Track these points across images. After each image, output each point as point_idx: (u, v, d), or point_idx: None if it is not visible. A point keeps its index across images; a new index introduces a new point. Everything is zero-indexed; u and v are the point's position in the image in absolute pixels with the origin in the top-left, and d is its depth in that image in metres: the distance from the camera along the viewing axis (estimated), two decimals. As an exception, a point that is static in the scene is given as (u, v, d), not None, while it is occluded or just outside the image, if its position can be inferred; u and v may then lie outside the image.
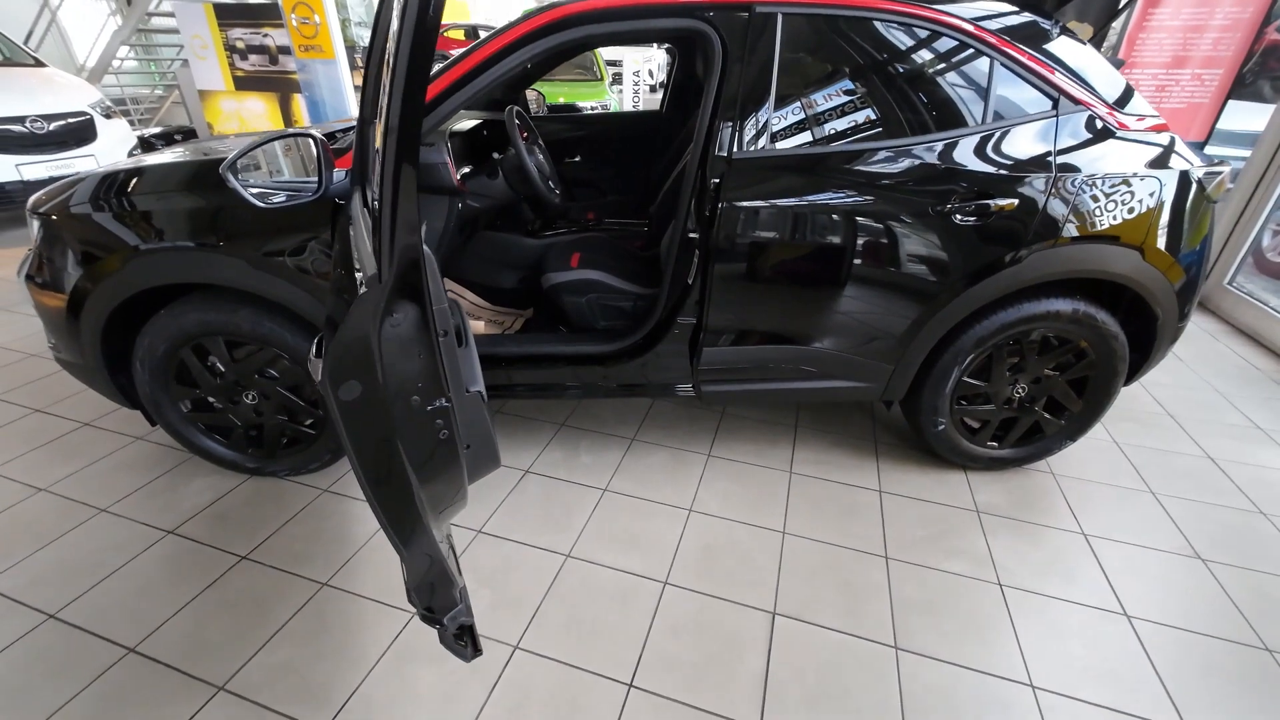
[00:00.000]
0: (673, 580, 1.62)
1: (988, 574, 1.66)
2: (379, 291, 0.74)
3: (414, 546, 0.92)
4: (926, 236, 1.63)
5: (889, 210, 1.61)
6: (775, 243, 1.65)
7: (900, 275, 1.67)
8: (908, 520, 1.85)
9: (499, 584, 1.60)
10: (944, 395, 1.88)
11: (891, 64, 1.58)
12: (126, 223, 1.58)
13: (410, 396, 0.83)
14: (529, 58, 1.55)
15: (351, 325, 0.74)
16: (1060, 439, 1.99)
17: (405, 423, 0.83)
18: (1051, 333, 1.80)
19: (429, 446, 0.88)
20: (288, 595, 1.55)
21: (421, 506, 0.89)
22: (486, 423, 1.04)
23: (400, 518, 0.87)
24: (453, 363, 0.91)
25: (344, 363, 0.75)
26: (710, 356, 1.80)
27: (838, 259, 1.66)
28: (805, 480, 2.01)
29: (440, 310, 0.89)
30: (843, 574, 1.65)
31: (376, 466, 0.82)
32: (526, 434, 2.23)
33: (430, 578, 0.99)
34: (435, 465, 0.90)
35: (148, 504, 1.86)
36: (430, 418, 0.86)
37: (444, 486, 0.95)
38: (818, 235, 1.64)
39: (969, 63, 1.58)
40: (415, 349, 0.81)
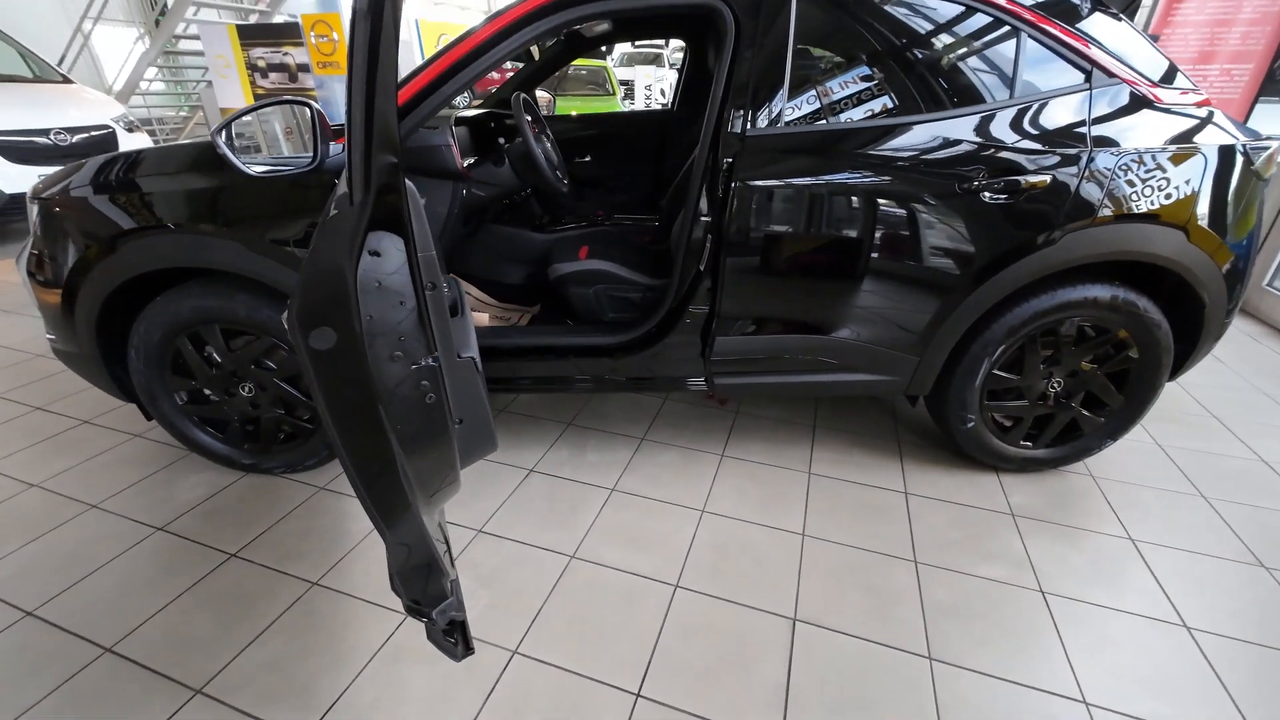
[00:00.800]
0: (684, 583, 1.51)
1: (1027, 580, 1.53)
2: (353, 216, 0.67)
3: (398, 526, 0.83)
4: (953, 216, 1.54)
5: (913, 189, 1.52)
6: (791, 225, 1.57)
7: (925, 258, 1.58)
8: (936, 523, 1.72)
9: (498, 584, 1.50)
10: (973, 389, 1.77)
11: (916, 36, 1.51)
12: (123, 205, 1.55)
13: (392, 351, 0.75)
14: (534, 36, 1.51)
15: (323, 254, 0.66)
16: (1100, 438, 1.86)
17: (386, 381, 0.75)
18: (1089, 322, 1.68)
19: (414, 412, 0.80)
20: (276, 594, 1.47)
21: (407, 480, 0.80)
22: (481, 396, 0.96)
23: (382, 491, 0.78)
24: (442, 322, 0.83)
25: (315, 302, 0.67)
26: (724, 346, 1.71)
27: (858, 241, 1.57)
28: (825, 481, 1.90)
29: (426, 258, 0.81)
30: (868, 578, 1.53)
31: (354, 430, 0.73)
32: (532, 432, 2.14)
33: (417, 563, 0.90)
34: (421, 435, 0.82)
35: (139, 500, 1.80)
36: (415, 378, 0.78)
37: (432, 463, 0.86)
38: (836, 216, 1.56)
39: (996, 33, 1.51)
40: (397, 295, 0.73)
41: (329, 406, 0.72)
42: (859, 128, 1.52)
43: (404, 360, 0.76)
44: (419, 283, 0.74)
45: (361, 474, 0.75)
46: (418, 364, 0.77)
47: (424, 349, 0.77)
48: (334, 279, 0.67)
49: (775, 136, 1.52)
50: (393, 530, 0.82)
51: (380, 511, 0.79)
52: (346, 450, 0.74)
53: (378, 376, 0.72)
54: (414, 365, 0.76)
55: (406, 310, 0.74)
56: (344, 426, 0.73)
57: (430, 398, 0.80)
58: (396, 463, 0.78)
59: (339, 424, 0.73)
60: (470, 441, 0.99)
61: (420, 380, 0.78)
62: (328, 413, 0.72)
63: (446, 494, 1.02)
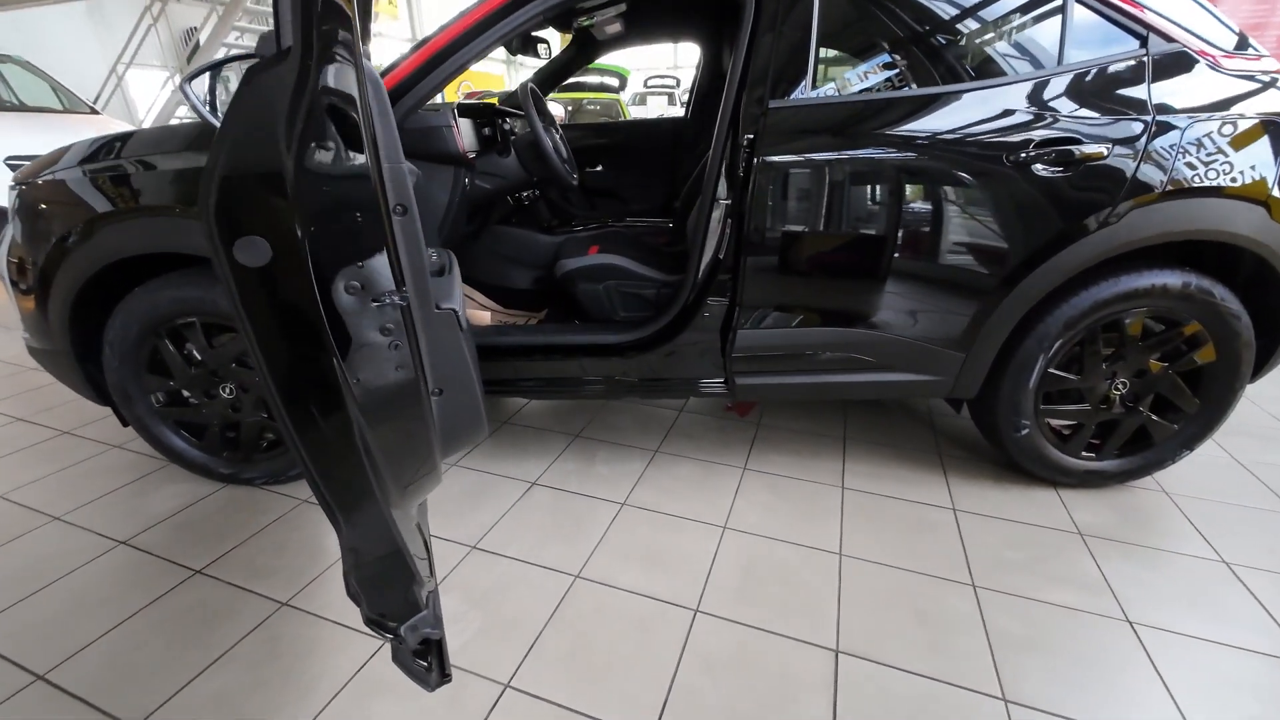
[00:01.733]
0: (706, 607, 1.30)
1: (1108, 607, 1.30)
2: (289, 76, 0.51)
3: (356, 513, 0.66)
4: (1001, 192, 1.38)
5: (955, 162, 1.38)
6: (821, 205, 1.43)
7: (971, 239, 1.42)
8: (993, 542, 1.51)
9: (492, 606, 1.31)
10: (1027, 391, 1.58)
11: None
12: (103, 187, 1.45)
13: (347, 279, 0.60)
14: (540, 10, 1.42)
15: (245, 132, 0.51)
16: (1173, 448, 1.64)
17: (339, 318, 0.59)
18: (1157, 314, 1.50)
19: (375, 364, 0.64)
20: (238, 616, 1.29)
21: (366, 452, 0.64)
22: (467, 362, 0.80)
23: (333, 461, 0.62)
24: (415, 255, 0.69)
25: (239, 200, 0.52)
26: (746, 340, 1.55)
27: (895, 222, 1.42)
28: (861, 496, 1.69)
29: (394, 171, 0.67)
30: (920, 603, 1.31)
31: (297, 378, 0.58)
32: (535, 444, 1.97)
33: (381, 565, 0.72)
34: (387, 398, 0.66)
35: (106, 512, 1.64)
36: (375, 319, 0.62)
37: (401, 439, 0.70)
38: (870, 194, 1.42)
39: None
40: (353, 204, 0.58)
41: (261, 345, 0.56)
42: (895, 98, 1.39)
43: (361, 295, 0.61)
44: (382, 190, 0.59)
45: (304, 436, 0.59)
46: (380, 301, 0.62)
47: (388, 282, 0.62)
48: (264, 168, 0.52)
49: (803, 108, 1.39)
50: (349, 519, 0.65)
51: (330, 490, 0.62)
52: (285, 405, 0.58)
53: (327, 309, 0.57)
54: (374, 302, 0.61)
55: (365, 227, 0.59)
56: (282, 372, 0.57)
57: (395, 346, 0.64)
58: (353, 427, 0.62)
59: (275, 370, 0.57)
60: (452, 421, 0.83)
61: (383, 323, 0.63)
62: (260, 354, 0.57)
63: (423, 486, 0.86)
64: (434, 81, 1.45)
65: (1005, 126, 1.36)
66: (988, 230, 1.41)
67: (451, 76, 1.47)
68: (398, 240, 0.64)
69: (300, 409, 0.59)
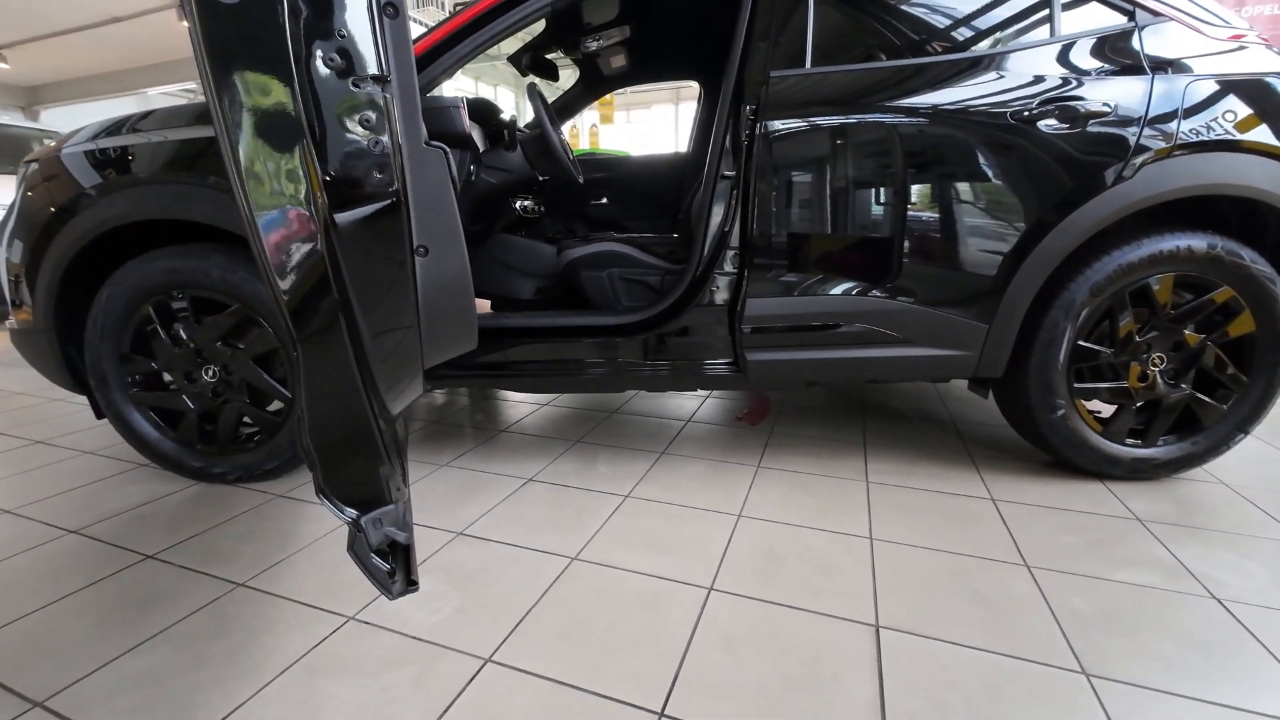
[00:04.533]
0: (721, 586, 1.13)
1: (1190, 586, 1.12)
2: None
3: (320, 351, 0.57)
4: (1009, 151, 1.37)
5: (959, 122, 1.37)
6: (823, 169, 1.42)
7: (982, 199, 1.39)
8: (1044, 528, 1.34)
9: (474, 586, 1.14)
10: (1057, 367, 1.47)
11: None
12: (107, 159, 1.46)
13: (323, 50, 0.54)
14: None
15: None
16: (1227, 430, 1.51)
17: (314, 94, 0.53)
18: (1186, 279, 1.43)
19: (351, 159, 0.57)
20: (186, 596, 1.12)
21: (334, 266, 0.56)
22: (454, 217, 0.73)
23: (297, 268, 0.54)
24: (403, 61, 0.63)
25: None
26: (757, 310, 1.48)
27: (900, 183, 1.40)
28: (889, 489, 1.54)
29: None
30: (969, 583, 1.13)
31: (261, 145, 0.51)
32: (536, 447, 1.84)
33: (342, 434, 0.62)
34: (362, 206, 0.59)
35: (63, 506, 1.50)
36: (354, 103, 0.56)
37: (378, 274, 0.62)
38: (870, 158, 1.41)
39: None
40: None
41: (223, 103, 0.50)
42: (896, 66, 1.42)
43: (340, 71, 0.55)
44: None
45: (262, 215, 0.51)
46: (359, 83, 0.56)
47: (371, 63, 0.56)
48: None
49: (805, 76, 1.42)
50: (310, 359, 0.55)
51: (293, 306, 0.53)
52: (245, 183, 0.51)
53: (301, 80, 0.51)
54: (355, 85, 0.55)
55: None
56: (243, 138, 0.50)
57: (376, 144, 0.58)
58: (321, 227, 0.54)
59: (234, 138, 0.50)
60: (436, 298, 0.75)
61: (362, 111, 0.56)
62: (221, 119, 0.50)
63: (405, 382, 0.76)
64: (447, 63, 1.50)
65: (1010, 87, 1.37)
66: (1001, 190, 1.38)
67: (464, 60, 1.52)
68: (384, 30, 0.59)
69: (262, 187, 0.52)
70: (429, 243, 0.73)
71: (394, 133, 0.61)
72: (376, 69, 0.58)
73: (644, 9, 2.12)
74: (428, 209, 0.73)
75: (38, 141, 5.33)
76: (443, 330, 0.79)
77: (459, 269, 0.77)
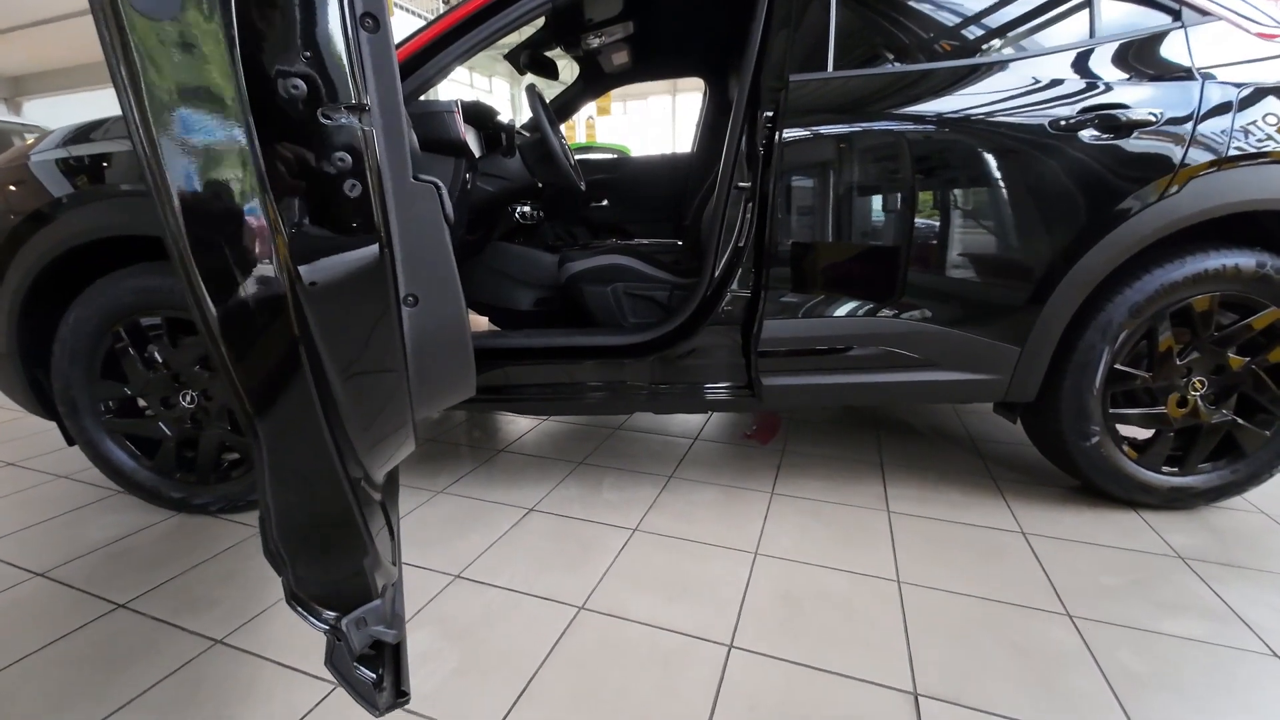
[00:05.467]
0: (742, 642, 1.04)
1: (1243, 639, 1.04)
2: None
3: (287, 436, 0.47)
4: (1047, 162, 1.27)
5: (995, 129, 1.28)
6: (850, 181, 1.32)
7: (1020, 214, 1.30)
8: (1080, 567, 1.26)
9: (474, 642, 1.05)
10: (1092, 392, 1.39)
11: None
12: (77, 168, 1.35)
13: (284, 77, 0.44)
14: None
15: None
16: (1270, 459, 1.43)
17: (273, 124, 0.43)
18: (1230, 299, 1.35)
19: (325, 205, 0.47)
20: (160, 655, 1.03)
21: (308, 344, 0.46)
22: (449, 264, 0.63)
23: (261, 346, 0.44)
24: (386, 78, 0.53)
25: None
26: (774, 331, 1.38)
27: (934, 197, 1.30)
28: (911, 520, 1.45)
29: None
30: (1008, 635, 1.05)
31: (210, 199, 0.41)
32: (536, 471, 1.75)
33: (318, 523, 0.52)
34: (337, 261, 0.49)
35: (31, 543, 1.41)
36: (324, 138, 0.46)
37: (357, 336, 0.52)
38: (901, 170, 1.31)
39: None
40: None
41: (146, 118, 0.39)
42: (925, 70, 1.32)
43: (305, 96, 0.45)
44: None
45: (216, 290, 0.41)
46: (331, 117, 0.46)
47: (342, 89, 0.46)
48: None
49: (828, 80, 1.32)
50: (275, 445, 0.46)
51: (252, 394, 0.43)
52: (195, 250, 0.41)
53: (257, 106, 0.41)
54: (326, 119, 0.45)
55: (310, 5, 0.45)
56: (188, 192, 0.40)
57: (352, 186, 0.48)
58: (287, 291, 0.44)
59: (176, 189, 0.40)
60: (429, 349, 0.65)
61: (335, 147, 0.46)
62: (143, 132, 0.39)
63: (392, 445, 0.66)
64: (439, 64, 1.39)
65: (1048, 94, 1.27)
66: (1038, 205, 1.29)
67: (459, 60, 1.41)
68: (362, 47, 0.49)
69: (212, 253, 0.42)
70: (419, 291, 0.63)
71: (375, 172, 0.51)
72: (352, 96, 0.48)
73: (648, 4, 2.01)
74: (417, 253, 0.63)
75: (19, 136, 5.16)
76: (436, 384, 0.70)
77: (454, 317, 0.68)
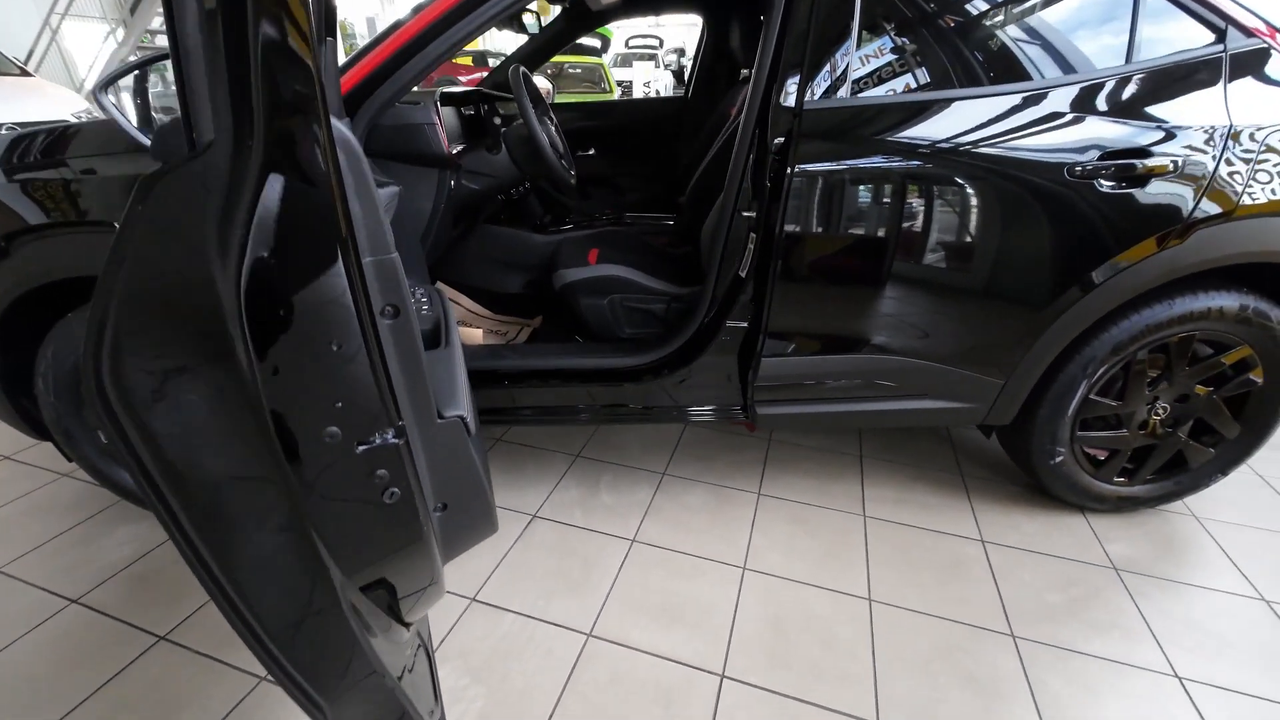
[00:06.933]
0: (733, 671, 1.20)
1: (1154, 659, 1.23)
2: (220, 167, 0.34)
3: (344, 693, 0.52)
4: (1060, 209, 1.24)
5: (1013, 174, 1.23)
6: (866, 221, 1.28)
7: (1027, 260, 1.29)
8: (1027, 580, 1.42)
9: (496, 678, 1.18)
10: (1064, 419, 1.48)
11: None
12: (33, 194, 1.22)
13: (320, 427, 0.44)
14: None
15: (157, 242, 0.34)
16: (1209, 472, 1.57)
17: (314, 479, 0.44)
18: (1208, 336, 1.40)
19: (364, 518, 0.49)
20: (210, 698, 1.14)
21: (356, 620, 0.49)
22: (475, 467, 0.65)
23: (310, 647, 0.47)
24: (411, 365, 0.53)
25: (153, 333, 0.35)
26: (772, 370, 1.41)
27: (947, 238, 1.28)
28: (885, 526, 1.59)
29: (382, 265, 0.49)
30: (963, 662, 1.22)
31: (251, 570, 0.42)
32: (533, 468, 1.83)
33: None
34: (378, 546, 0.51)
35: (54, 561, 1.47)
36: (364, 466, 0.47)
37: (398, 573, 0.55)
38: (920, 206, 1.27)
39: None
40: (324, 328, 0.41)
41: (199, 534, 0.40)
42: (945, 98, 1.23)
43: (342, 440, 0.45)
44: (364, 305, 0.43)
45: (273, 631, 0.44)
46: (368, 443, 0.46)
47: (376, 418, 0.46)
48: (189, 290, 0.35)
49: (844, 109, 1.22)
50: (333, 703, 0.51)
51: (310, 681, 0.48)
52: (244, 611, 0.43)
53: (298, 475, 0.42)
54: (361, 445, 0.46)
55: (343, 357, 0.43)
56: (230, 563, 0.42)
57: (392, 494, 0.49)
58: (339, 603, 0.47)
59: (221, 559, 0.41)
60: (458, 529, 0.69)
61: (373, 469, 0.47)
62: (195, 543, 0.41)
63: (424, 600, 0.71)
64: (415, 69, 1.24)
65: (1064, 138, 1.21)
66: (1045, 250, 1.28)
67: (437, 63, 1.26)
68: (389, 356, 0.48)
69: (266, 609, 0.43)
70: (449, 499, 0.64)
71: (415, 479, 0.50)
72: (386, 418, 0.45)
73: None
74: (445, 473, 0.63)
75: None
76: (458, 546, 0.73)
77: (481, 503, 0.69)
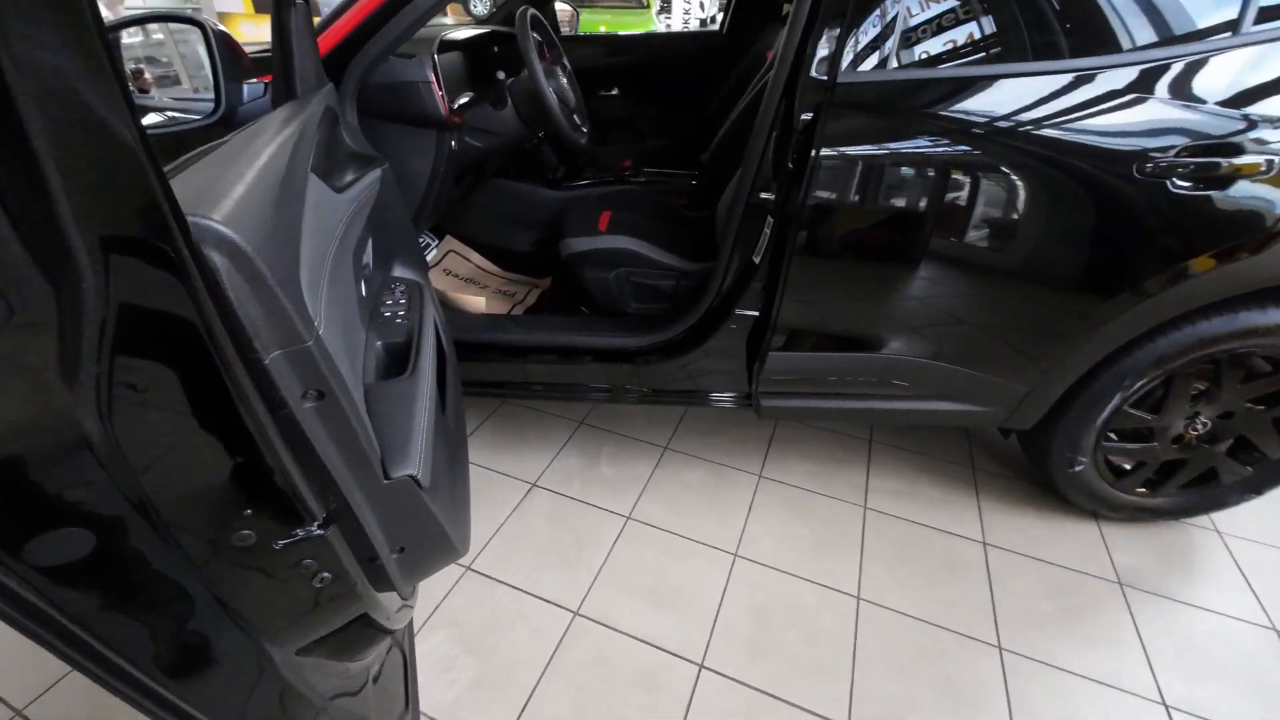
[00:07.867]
0: (712, 661, 1.23)
1: (1143, 683, 1.21)
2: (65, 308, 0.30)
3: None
4: (1124, 208, 1.10)
5: (1072, 165, 1.08)
6: (894, 210, 1.16)
7: (1078, 263, 1.17)
8: (1024, 588, 1.40)
9: (486, 650, 1.23)
10: (1091, 428, 1.39)
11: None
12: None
13: (233, 533, 0.41)
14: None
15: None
16: (1240, 491, 1.48)
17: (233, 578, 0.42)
18: (1270, 353, 1.27)
19: (296, 598, 0.48)
20: None
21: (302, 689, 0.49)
22: (430, 516, 0.63)
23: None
24: (347, 439, 0.49)
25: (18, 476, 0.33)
26: (779, 364, 1.34)
27: (990, 240, 1.16)
28: (885, 520, 1.57)
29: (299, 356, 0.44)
30: (942, 667, 1.23)
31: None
32: (535, 433, 1.83)
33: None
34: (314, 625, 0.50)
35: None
36: (289, 558, 0.45)
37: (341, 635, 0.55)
38: (962, 200, 1.14)
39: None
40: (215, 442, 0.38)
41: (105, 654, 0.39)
42: (1001, 73, 1.07)
43: (257, 542, 0.42)
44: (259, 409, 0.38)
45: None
46: (291, 538, 0.43)
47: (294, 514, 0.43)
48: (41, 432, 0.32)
49: (882, 84, 1.08)
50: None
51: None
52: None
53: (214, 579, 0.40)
54: (283, 542, 0.43)
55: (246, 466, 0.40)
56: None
57: (322, 579, 0.47)
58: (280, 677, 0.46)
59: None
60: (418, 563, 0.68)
61: (299, 559, 0.45)
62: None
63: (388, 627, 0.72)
64: (408, 19, 1.13)
65: (1140, 123, 1.05)
66: (1097, 253, 1.15)
67: (430, 14, 1.14)
68: (315, 437, 0.44)
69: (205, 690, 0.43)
70: (406, 542, 0.62)
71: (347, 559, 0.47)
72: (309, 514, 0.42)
73: None
74: (400, 523, 0.60)
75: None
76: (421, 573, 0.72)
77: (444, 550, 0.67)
